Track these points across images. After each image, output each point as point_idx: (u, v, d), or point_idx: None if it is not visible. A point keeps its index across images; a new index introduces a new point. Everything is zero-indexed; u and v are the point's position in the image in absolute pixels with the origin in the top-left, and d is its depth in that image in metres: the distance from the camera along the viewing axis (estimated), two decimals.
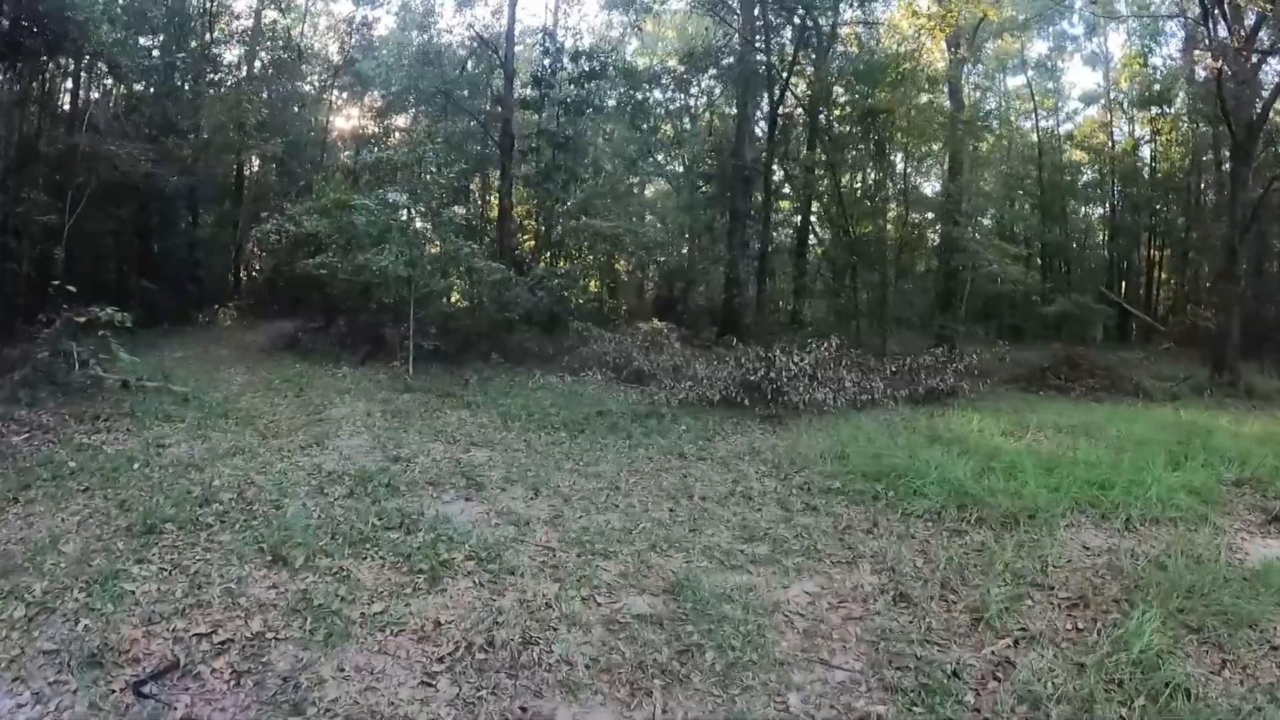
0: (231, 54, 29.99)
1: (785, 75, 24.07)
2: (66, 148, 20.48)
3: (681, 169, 34.35)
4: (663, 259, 30.73)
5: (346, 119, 34.37)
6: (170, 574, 5.86)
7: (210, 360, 17.86)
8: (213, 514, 7.16)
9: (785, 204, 31.95)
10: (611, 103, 29.55)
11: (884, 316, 23.69)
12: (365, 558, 6.25)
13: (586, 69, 25.49)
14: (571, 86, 25.80)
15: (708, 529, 7.26)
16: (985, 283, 25.83)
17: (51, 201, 21.68)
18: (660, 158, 34.54)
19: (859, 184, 28.91)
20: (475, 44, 25.81)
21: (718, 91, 30.73)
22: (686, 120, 33.51)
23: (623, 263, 29.83)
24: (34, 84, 19.30)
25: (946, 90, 28.68)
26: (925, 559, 6.65)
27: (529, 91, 25.70)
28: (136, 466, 8.71)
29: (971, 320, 28.94)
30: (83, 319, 12.67)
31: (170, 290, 24.92)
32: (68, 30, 18.92)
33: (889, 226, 27.47)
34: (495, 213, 26.42)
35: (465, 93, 26.42)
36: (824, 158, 25.26)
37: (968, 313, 26.98)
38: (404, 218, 17.05)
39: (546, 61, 25.97)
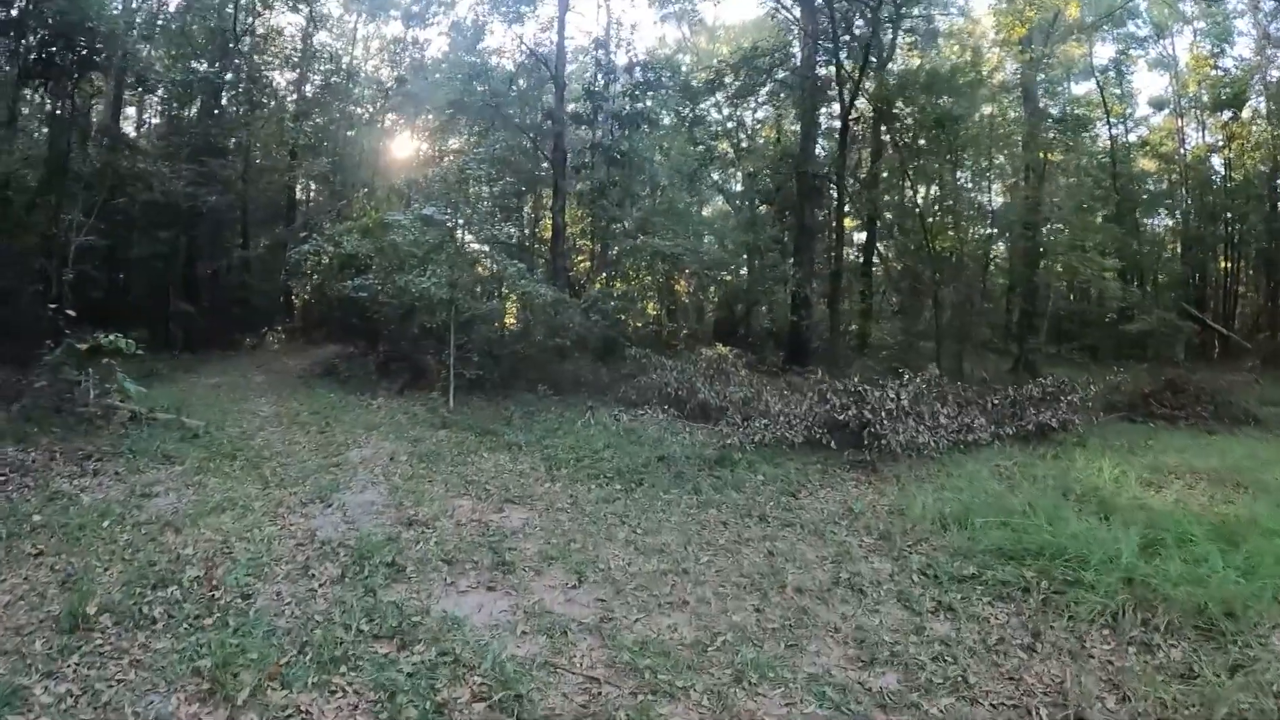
0: (282, 77, 29.18)
1: (857, 77, 21.76)
2: (103, 167, 19.20)
3: (739, 187, 32.32)
4: (726, 279, 28.60)
5: (399, 142, 33.32)
6: (75, 703, 4.28)
7: (243, 388, 16.32)
8: (164, 602, 5.54)
9: (849, 221, 29.60)
10: (667, 120, 27.74)
11: (965, 338, 21.31)
12: (335, 691, 4.40)
13: (640, 80, 23.66)
14: (625, 100, 23.99)
15: (810, 643, 5.20)
16: (1059, 300, 23.26)
17: (92, 223, 20.56)
18: (716, 176, 32.55)
19: (927, 197, 26.54)
20: (525, 58, 24.16)
21: (780, 100, 28.34)
22: (743, 136, 31.48)
23: (683, 284, 27.70)
24: (66, 103, 17.99)
25: (1021, 95, 26.35)
26: (1117, 696, 4.57)
27: (581, 107, 23.97)
28: (107, 524, 7.14)
29: (1044, 341, 26.37)
30: (84, 345, 10.97)
31: (216, 314, 23.71)
32: (99, 48, 17.77)
33: (962, 241, 25.11)
34: (548, 233, 24.63)
35: (514, 111, 24.72)
36: (899, 167, 22.99)
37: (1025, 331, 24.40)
38: (446, 236, 15.26)
39: (599, 75, 24.23)
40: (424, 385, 15.36)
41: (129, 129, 25.63)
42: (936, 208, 25.80)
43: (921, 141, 23.22)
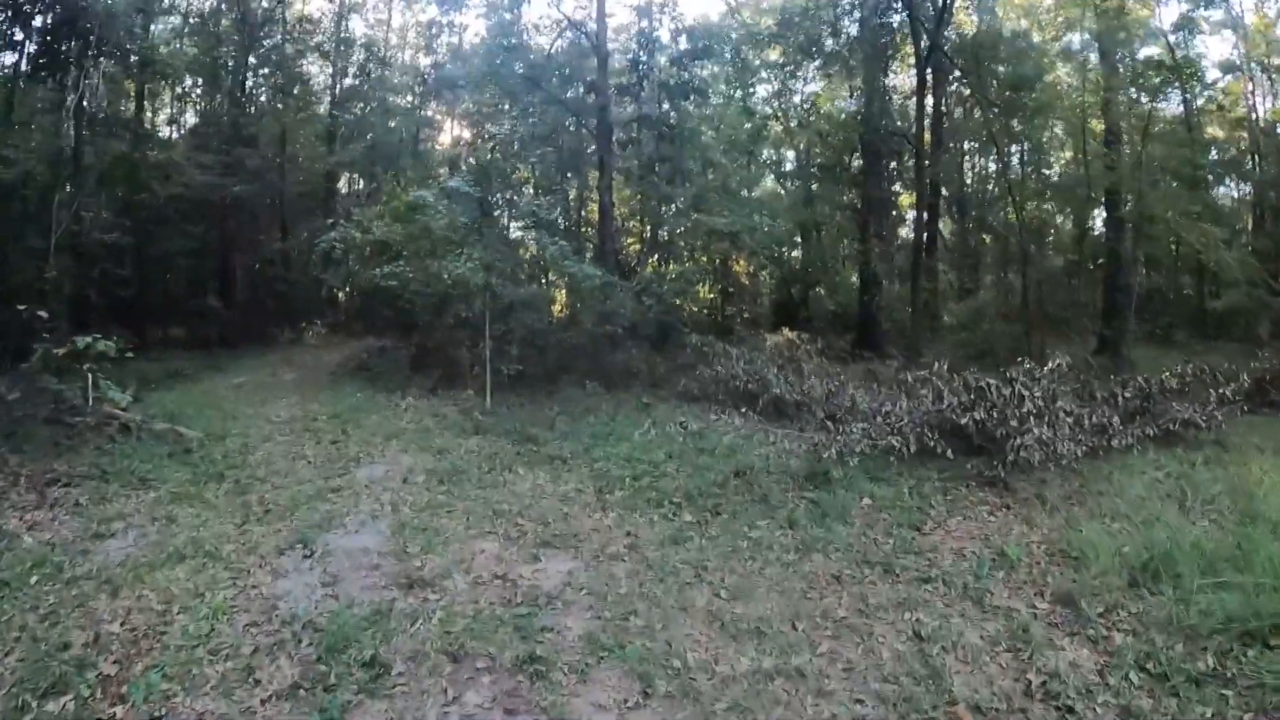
0: (315, 67, 27.91)
1: (937, 26, 19.01)
2: (116, 159, 17.59)
3: (789, 166, 29.85)
4: (788, 257, 26.16)
5: (437, 129, 31.90)
6: None
7: (267, 387, 14.62)
8: None
9: (904, 199, 26.89)
10: (717, 92, 25.37)
11: (1046, 319, 18.75)
12: None
13: (687, 48, 21.32)
14: (673, 70, 21.70)
15: None
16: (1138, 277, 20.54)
17: (115, 219, 19.04)
18: (767, 154, 30.08)
19: (1008, 163, 23.81)
20: (565, 29, 21.99)
21: (835, 66, 25.59)
22: (794, 111, 28.98)
23: (741, 264, 25.23)
24: (76, 93, 16.34)
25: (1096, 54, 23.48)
26: None
27: (626, 78, 21.74)
28: (36, 580, 5.44)
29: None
30: (61, 350, 9.16)
31: (252, 309, 22.17)
32: (108, 34, 16.05)
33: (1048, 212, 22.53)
34: (594, 214, 22.50)
35: (555, 85, 22.57)
36: (980, 130, 20.41)
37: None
38: (479, 216, 13.24)
39: (643, 45, 21.94)
40: (459, 382, 13.38)
41: (158, 123, 24.37)
42: (1014, 176, 23.07)
43: (987, 109, 20.68)
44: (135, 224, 19.32)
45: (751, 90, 26.63)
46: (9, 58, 16.31)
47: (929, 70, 19.85)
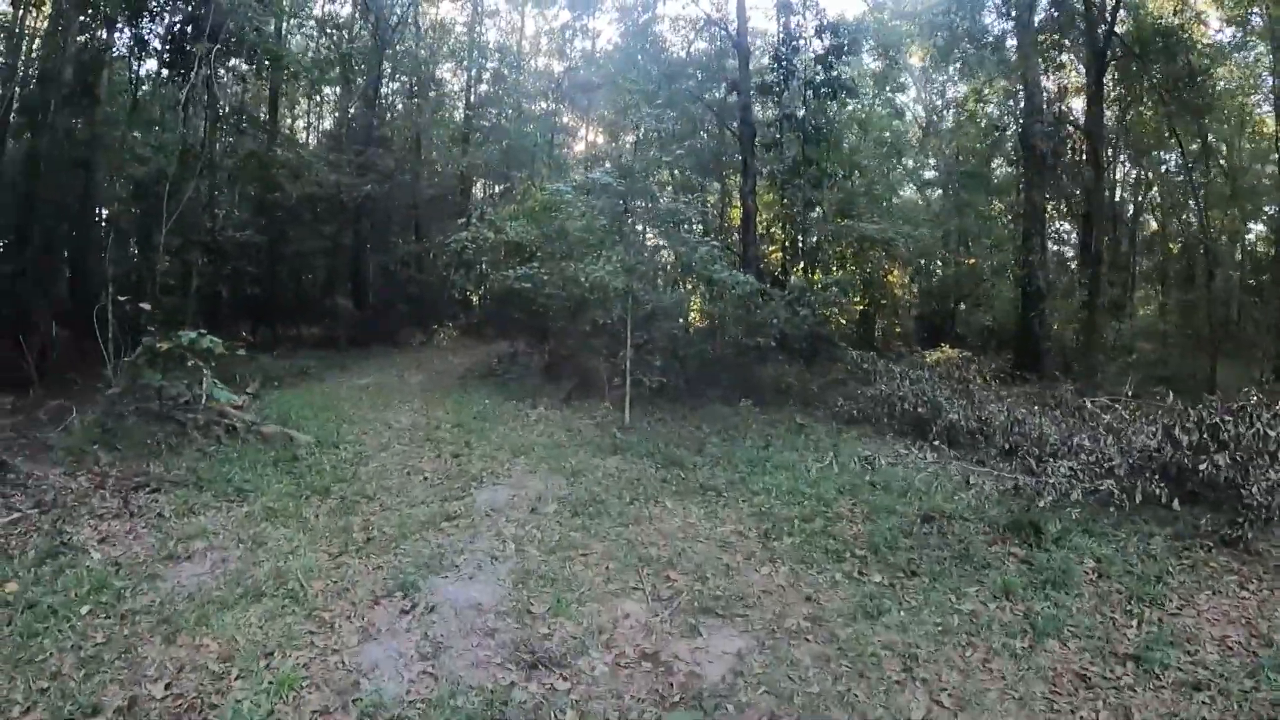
0: (448, 72, 28.17)
1: (1110, 12, 16.60)
2: (247, 157, 17.32)
3: (929, 174, 27.53)
4: (939, 269, 23.91)
5: (571, 134, 31.73)
6: None
7: (393, 390, 13.80)
8: None
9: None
10: (864, 92, 23.51)
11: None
12: None
13: (833, 43, 19.51)
14: (818, 67, 19.97)
15: None
16: None
17: (253, 218, 18.87)
18: (907, 161, 27.83)
19: (1187, 167, 20.95)
20: (701, 25, 20.68)
21: (980, 62, 23.16)
22: (935, 115, 26.78)
23: (895, 275, 23.08)
24: (201, 90, 16.13)
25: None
26: None
27: (769, 76, 20.14)
28: (87, 611, 4.51)
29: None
30: (165, 345, 8.34)
31: (384, 309, 21.74)
32: (236, 33, 15.75)
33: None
34: (734, 218, 20.99)
35: (693, 84, 21.26)
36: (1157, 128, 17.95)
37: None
38: (620, 215, 11.98)
39: (785, 40, 20.27)
40: (595, 393, 12.13)
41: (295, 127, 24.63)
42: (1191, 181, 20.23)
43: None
44: (269, 223, 19.19)
45: (900, 88, 24.67)
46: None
47: (1107, 56, 17.51)
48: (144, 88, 17.33)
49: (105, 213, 16.75)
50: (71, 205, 15.39)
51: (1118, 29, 17.81)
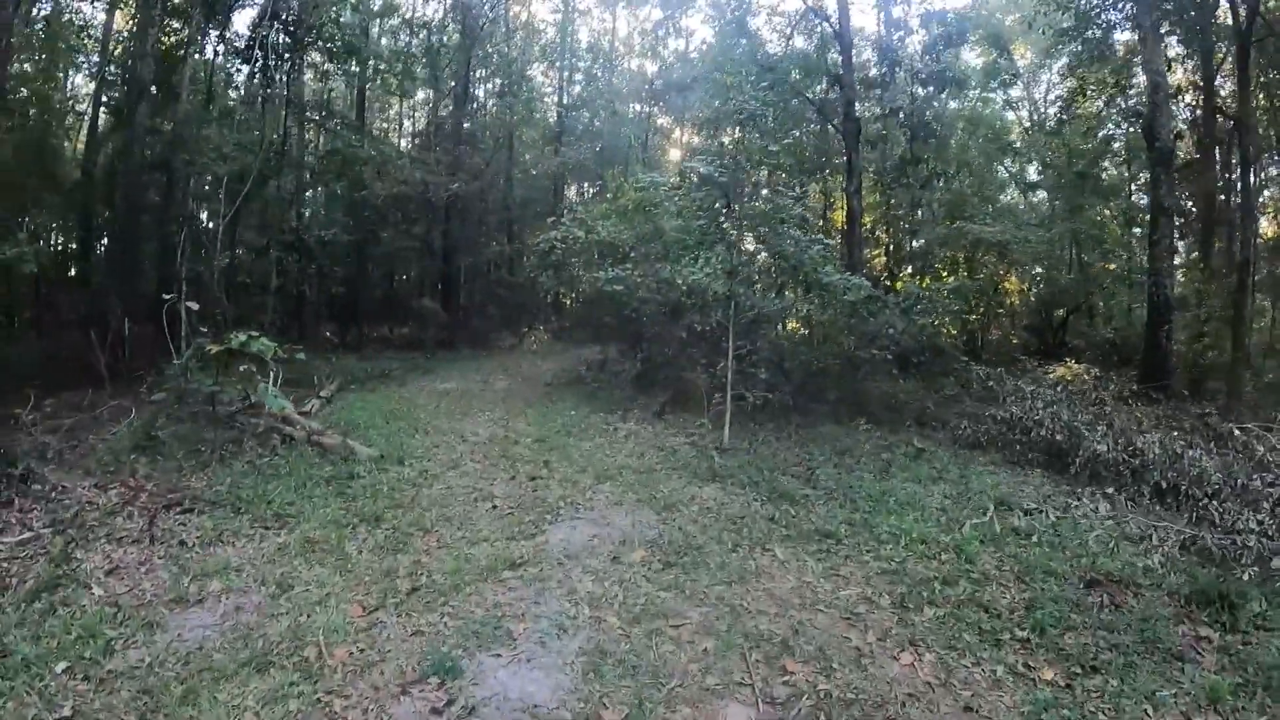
0: (539, 74, 27.88)
1: None
2: (328, 154, 16.77)
3: (1036, 175, 25.28)
4: (1055, 275, 21.63)
5: (665, 135, 31.28)
6: None
7: (474, 396, 12.84)
8: None
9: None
10: (975, 84, 21.70)
11: None
12: None
13: (940, 32, 17.86)
14: (926, 58, 18.34)
15: None
16: None
17: (344, 218, 18.38)
18: (1010, 164, 25.67)
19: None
20: (798, 17, 19.30)
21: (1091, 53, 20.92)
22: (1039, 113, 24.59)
23: (1013, 281, 20.96)
24: (282, 86, 15.58)
25: None
26: None
27: (875, 71, 18.64)
28: (60, 671, 3.74)
29: None
30: (216, 348, 7.47)
31: (473, 311, 21.07)
32: (315, 28, 15.18)
33: None
34: (837, 220, 19.48)
35: (793, 79, 19.93)
36: None
37: None
38: (722, 211, 10.75)
39: (890, 29, 18.73)
40: (690, 406, 10.85)
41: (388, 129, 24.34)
42: None
43: None
44: (357, 223, 18.68)
45: (1007, 84, 22.75)
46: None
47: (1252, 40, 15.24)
48: (228, 85, 17.01)
49: (189, 210, 16.55)
50: (154, 203, 15.06)
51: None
